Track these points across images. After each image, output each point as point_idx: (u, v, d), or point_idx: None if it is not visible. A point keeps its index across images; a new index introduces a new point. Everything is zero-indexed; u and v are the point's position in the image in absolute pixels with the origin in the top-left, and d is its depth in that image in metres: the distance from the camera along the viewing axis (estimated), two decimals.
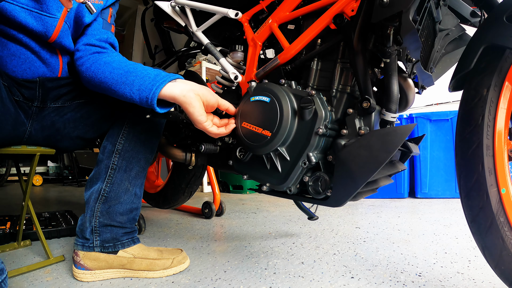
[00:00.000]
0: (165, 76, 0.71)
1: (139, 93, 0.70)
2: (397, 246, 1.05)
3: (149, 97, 0.69)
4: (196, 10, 1.00)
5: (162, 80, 0.70)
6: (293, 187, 0.73)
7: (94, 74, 0.76)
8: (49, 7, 0.75)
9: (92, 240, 0.84)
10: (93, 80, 0.77)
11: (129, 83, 0.72)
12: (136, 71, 0.73)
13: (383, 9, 0.59)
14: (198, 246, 1.11)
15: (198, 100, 0.70)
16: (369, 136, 0.63)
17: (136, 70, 0.73)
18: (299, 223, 1.42)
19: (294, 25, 0.82)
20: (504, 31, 0.55)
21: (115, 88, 0.73)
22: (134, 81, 0.71)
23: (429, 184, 2.10)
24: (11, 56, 0.76)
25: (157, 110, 0.71)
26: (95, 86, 0.78)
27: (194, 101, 0.69)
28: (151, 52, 3.36)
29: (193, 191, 1.44)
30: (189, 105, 0.69)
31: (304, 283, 0.78)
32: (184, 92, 0.69)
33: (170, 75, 0.72)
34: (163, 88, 0.69)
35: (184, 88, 0.70)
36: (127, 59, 0.80)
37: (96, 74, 0.76)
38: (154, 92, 0.69)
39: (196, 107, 0.69)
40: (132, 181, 0.87)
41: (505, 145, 0.60)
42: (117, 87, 0.73)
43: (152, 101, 0.69)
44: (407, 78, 0.74)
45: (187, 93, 0.69)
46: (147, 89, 0.70)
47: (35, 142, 0.86)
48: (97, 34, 0.84)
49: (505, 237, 0.55)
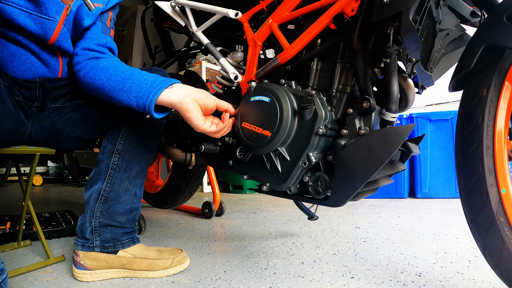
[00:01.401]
0: (162, 82, 0.71)
1: (137, 100, 0.70)
2: (397, 246, 1.05)
3: (147, 104, 0.69)
4: (196, 10, 1.00)
5: (159, 86, 0.70)
6: (293, 187, 0.73)
7: (91, 80, 0.76)
8: (48, 10, 0.75)
9: (92, 240, 0.84)
10: (90, 86, 0.77)
11: (126, 90, 0.72)
12: (133, 77, 0.73)
13: (383, 9, 0.59)
14: (198, 246, 1.11)
15: (195, 105, 0.70)
16: (369, 136, 0.63)
17: (133, 77, 0.73)
18: (299, 223, 1.42)
19: (294, 25, 0.82)
20: (504, 31, 0.55)
21: (112, 95, 0.73)
22: (131, 88, 0.71)
23: (429, 184, 2.10)
24: (12, 57, 0.76)
25: (155, 116, 0.71)
26: (93, 92, 0.78)
27: (191, 106, 0.69)
28: (151, 52, 3.36)
29: (193, 191, 1.44)
30: (186, 111, 0.69)
31: (304, 283, 0.78)
32: (181, 98, 0.69)
33: (167, 80, 0.72)
34: (160, 95, 0.69)
35: (181, 94, 0.70)
36: (124, 64, 0.80)
37: (94, 80, 0.76)
38: (151, 99, 0.69)
39: (193, 112, 0.70)
40: (132, 181, 0.87)
41: (505, 145, 0.60)
42: (114, 94, 0.73)
43: (150, 108, 0.70)
44: (407, 78, 0.74)
45: (184, 99, 0.69)
46: (144, 96, 0.70)
47: (35, 142, 0.86)
48: (95, 38, 0.84)
49: (505, 237, 0.55)
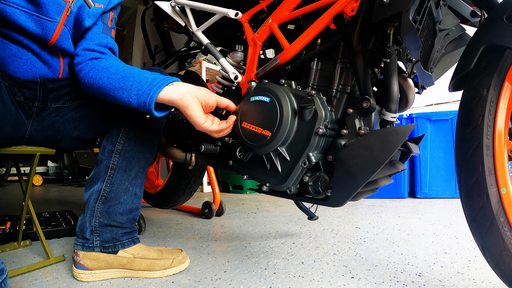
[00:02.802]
0: (162, 79, 0.71)
1: (137, 98, 0.70)
2: (397, 246, 1.05)
3: (147, 102, 0.69)
4: (196, 10, 1.00)
5: (159, 84, 0.70)
6: (293, 187, 0.73)
7: (92, 80, 0.76)
8: (48, 10, 0.75)
9: (92, 240, 0.84)
10: (91, 86, 0.77)
11: (127, 88, 0.72)
12: (134, 75, 0.73)
13: (383, 9, 0.59)
14: (198, 246, 1.11)
15: (196, 102, 0.70)
16: (369, 136, 0.62)
17: (133, 75, 0.73)
18: (299, 223, 1.42)
19: (294, 25, 0.82)
20: (504, 31, 0.55)
21: (113, 94, 0.73)
22: (131, 86, 0.71)
23: (429, 184, 2.10)
24: (13, 57, 0.76)
25: (155, 115, 0.71)
26: (94, 92, 0.78)
27: (192, 104, 0.69)
28: (151, 52, 3.36)
29: (193, 191, 1.44)
30: (187, 108, 0.69)
31: (304, 283, 0.78)
32: (181, 95, 0.69)
33: (167, 78, 0.72)
34: (160, 92, 0.69)
35: (182, 91, 0.69)
36: (124, 64, 0.80)
37: (94, 80, 0.76)
38: (152, 97, 0.69)
39: (194, 110, 0.69)
40: (132, 181, 0.87)
41: (505, 145, 0.60)
42: (115, 93, 0.73)
43: (150, 106, 0.69)
44: (407, 78, 0.74)
45: (184, 96, 0.69)
46: (145, 93, 0.70)
47: (35, 142, 0.86)
48: (96, 39, 0.84)
49: (505, 237, 0.55)
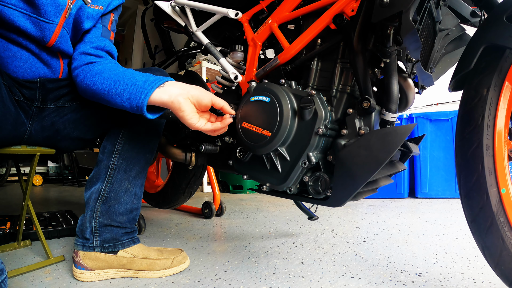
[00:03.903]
0: (152, 82, 0.71)
1: (129, 102, 0.70)
2: (397, 246, 1.05)
3: (139, 106, 0.69)
4: (196, 10, 1.00)
5: (150, 87, 0.70)
6: (293, 187, 0.73)
7: (87, 86, 0.77)
8: (47, 12, 0.75)
9: (92, 240, 0.84)
10: (87, 91, 0.77)
11: (119, 93, 0.71)
12: (125, 79, 0.73)
13: (383, 9, 0.59)
14: (198, 246, 1.11)
15: (188, 103, 0.69)
16: (369, 136, 0.63)
17: (125, 79, 0.73)
18: (299, 223, 1.42)
19: (294, 25, 0.82)
20: (504, 31, 0.55)
21: (107, 99, 0.73)
22: (123, 90, 0.71)
23: (429, 184, 2.10)
24: (13, 57, 0.76)
25: (148, 117, 0.71)
26: (90, 97, 0.78)
27: (183, 105, 0.68)
28: (151, 52, 3.36)
29: (193, 191, 1.44)
30: (178, 110, 0.69)
31: (304, 283, 0.78)
32: (172, 97, 0.68)
33: (158, 79, 0.71)
34: (151, 96, 0.69)
35: (172, 93, 0.69)
36: (119, 66, 0.80)
37: (89, 85, 0.76)
38: (143, 101, 0.69)
39: (186, 111, 0.69)
40: (132, 181, 0.87)
41: (505, 145, 0.60)
42: (109, 97, 0.73)
43: (142, 109, 0.69)
44: (407, 78, 0.74)
45: (175, 98, 0.68)
46: (136, 97, 0.69)
47: (35, 142, 0.86)
48: (94, 42, 0.84)
49: (505, 237, 0.55)
